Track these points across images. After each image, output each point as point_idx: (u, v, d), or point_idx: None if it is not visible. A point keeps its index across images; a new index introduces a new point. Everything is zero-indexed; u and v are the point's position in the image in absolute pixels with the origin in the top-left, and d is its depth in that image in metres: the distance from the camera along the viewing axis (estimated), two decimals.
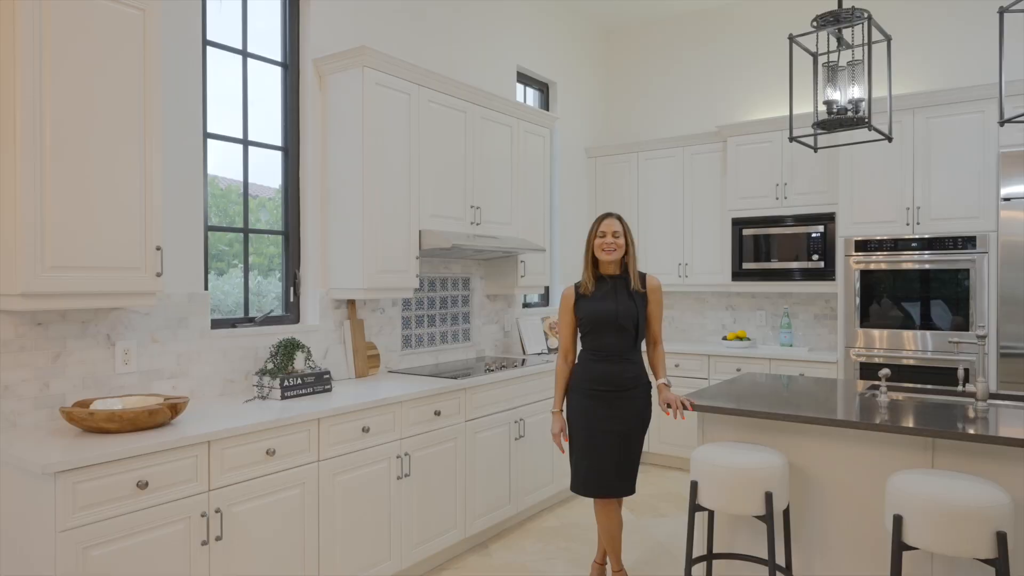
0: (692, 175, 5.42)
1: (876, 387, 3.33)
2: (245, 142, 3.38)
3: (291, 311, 3.57)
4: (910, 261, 4.28)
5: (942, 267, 4.19)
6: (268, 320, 3.41)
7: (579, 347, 3.09)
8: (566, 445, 3.05)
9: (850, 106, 2.75)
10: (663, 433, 5.14)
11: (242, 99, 3.37)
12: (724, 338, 5.26)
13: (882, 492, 2.60)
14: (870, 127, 2.59)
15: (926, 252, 4.23)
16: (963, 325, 4.12)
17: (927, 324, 4.23)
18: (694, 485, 2.65)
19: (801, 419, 2.61)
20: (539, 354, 4.78)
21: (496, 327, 4.81)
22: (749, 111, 5.50)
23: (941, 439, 2.48)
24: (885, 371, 2.91)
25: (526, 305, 5.25)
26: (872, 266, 4.41)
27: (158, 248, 2.51)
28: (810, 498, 2.76)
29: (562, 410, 3.06)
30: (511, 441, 3.90)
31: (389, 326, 3.97)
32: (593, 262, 2.99)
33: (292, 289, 3.57)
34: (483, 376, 3.70)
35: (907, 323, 4.30)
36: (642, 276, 3.01)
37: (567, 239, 5.61)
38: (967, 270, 4.11)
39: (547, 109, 5.58)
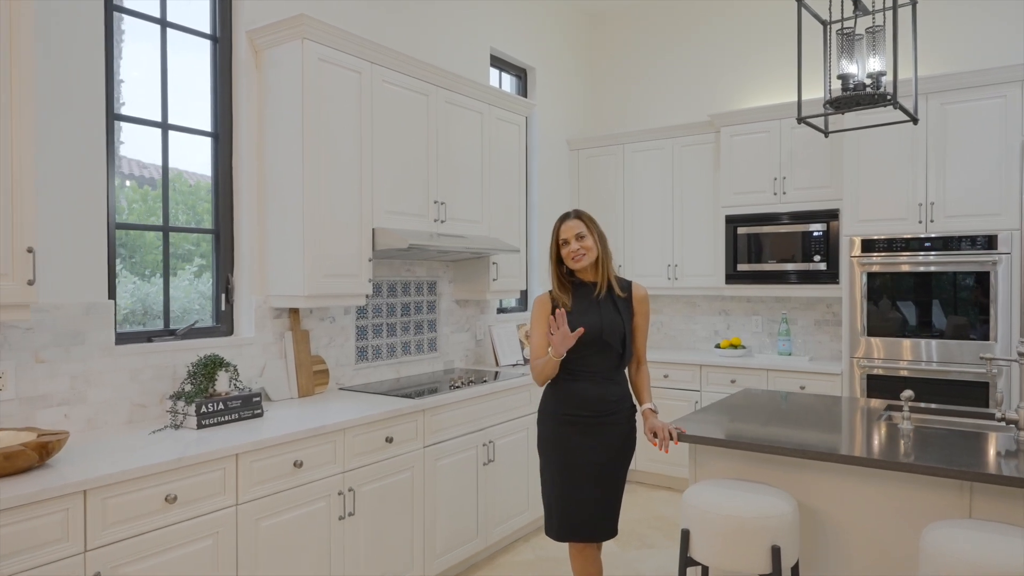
0: (682, 169, 4.99)
1: (894, 407, 2.91)
2: (164, 126, 2.91)
3: (223, 321, 3.10)
4: (923, 263, 3.87)
5: (958, 269, 3.78)
6: (193, 332, 2.95)
7: None
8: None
9: (869, 81, 2.32)
10: (650, 450, 4.70)
11: (160, 76, 2.90)
12: (717, 346, 4.84)
13: (912, 545, 2.17)
14: (896, 104, 2.15)
15: (941, 253, 3.82)
16: (982, 334, 3.71)
17: (941, 333, 3.82)
18: (685, 535, 2.21)
19: (814, 455, 2.17)
20: (514, 365, 4.33)
21: (467, 335, 4.36)
22: (744, 99, 5.08)
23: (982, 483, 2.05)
24: (908, 393, 2.49)
25: (501, 310, 4.80)
26: (880, 268, 4.00)
27: (29, 250, 2.04)
28: (823, 549, 2.33)
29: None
30: (479, 467, 3.45)
31: (341, 337, 3.51)
32: (561, 272, 2.54)
33: (224, 296, 3.11)
34: (445, 395, 3.24)
35: (919, 331, 3.88)
36: (627, 283, 2.57)
37: (546, 239, 5.16)
38: (987, 273, 3.70)
39: (525, 97, 5.12)
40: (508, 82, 5.05)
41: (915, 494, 2.16)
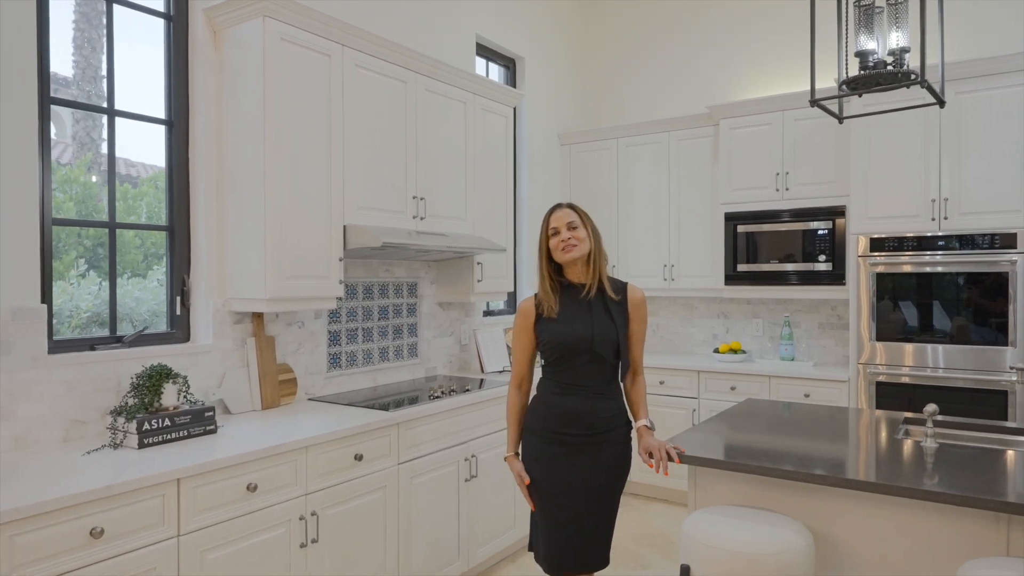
0: (679, 164, 4.74)
1: (911, 421, 2.66)
2: (111, 112, 2.64)
3: (178, 327, 2.83)
4: (936, 263, 3.62)
5: (974, 270, 3.53)
6: (144, 339, 2.68)
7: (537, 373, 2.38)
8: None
9: (891, 58, 2.07)
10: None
11: (107, 56, 2.63)
12: (716, 350, 4.59)
13: None
14: (923, 83, 1.90)
15: (955, 253, 3.57)
16: (1000, 339, 3.46)
17: (955, 338, 3.57)
18: (685, 571, 1.95)
19: (834, 481, 1.92)
20: (500, 372, 4.08)
21: (451, 340, 4.10)
22: (745, 90, 4.83)
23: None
24: (932, 407, 2.24)
25: (488, 313, 4.54)
26: (889, 268, 3.75)
27: None
28: None
29: (518, 453, 2.34)
30: (460, 483, 3.19)
31: (311, 343, 3.24)
32: (551, 270, 2.29)
33: (180, 299, 2.84)
34: (422, 406, 2.98)
35: (931, 336, 3.64)
36: (622, 284, 2.32)
37: (535, 237, 4.89)
38: (1005, 273, 3.46)
39: (514, 88, 4.86)
40: (496, 72, 4.79)
41: (944, 525, 1.91)
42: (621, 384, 2.34)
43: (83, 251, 2.60)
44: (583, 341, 2.17)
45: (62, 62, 2.51)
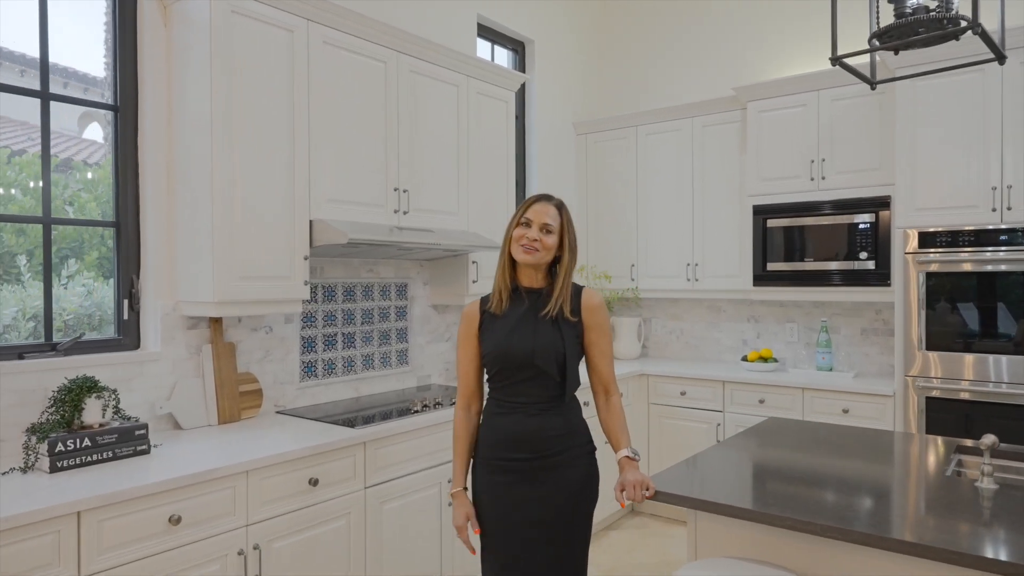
0: (703, 152, 4.31)
1: (964, 450, 2.22)
2: (44, 95, 2.39)
3: (126, 333, 2.57)
4: (998, 260, 3.13)
5: None
6: (85, 347, 2.42)
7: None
8: (477, 540, 1.99)
9: (934, 3, 1.65)
10: (664, 466, 4.03)
11: (39, 35, 2.39)
12: (744, 358, 4.15)
13: None
14: (976, 29, 1.48)
15: (1020, 248, 3.08)
16: None
17: (1019, 347, 3.08)
18: None
19: (858, 537, 1.52)
20: None
21: (447, 345, 3.77)
22: (775, 70, 4.37)
23: None
24: (990, 439, 1.81)
25: None
26: (942, 267, 3.27)
27: None
28: None
29: (466, 488, 2.01)
30: (442, 507, 2.85)
31: (280, 349, 2.95)
32: (511, 265, 1.97)
33: (128, 302, 2.58)
34: (394, 422, 2.66)
35: (990, 345, 3.14)
36: (577, 291, 1.97)
37: None
38: None
39: (523, 73, 4.51)
40: (503, 56, 4.45)
41: None
42: (580, 403, 1.99)
43: (105, 251, 2.54)
44: (523, 353, 1.86)
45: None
